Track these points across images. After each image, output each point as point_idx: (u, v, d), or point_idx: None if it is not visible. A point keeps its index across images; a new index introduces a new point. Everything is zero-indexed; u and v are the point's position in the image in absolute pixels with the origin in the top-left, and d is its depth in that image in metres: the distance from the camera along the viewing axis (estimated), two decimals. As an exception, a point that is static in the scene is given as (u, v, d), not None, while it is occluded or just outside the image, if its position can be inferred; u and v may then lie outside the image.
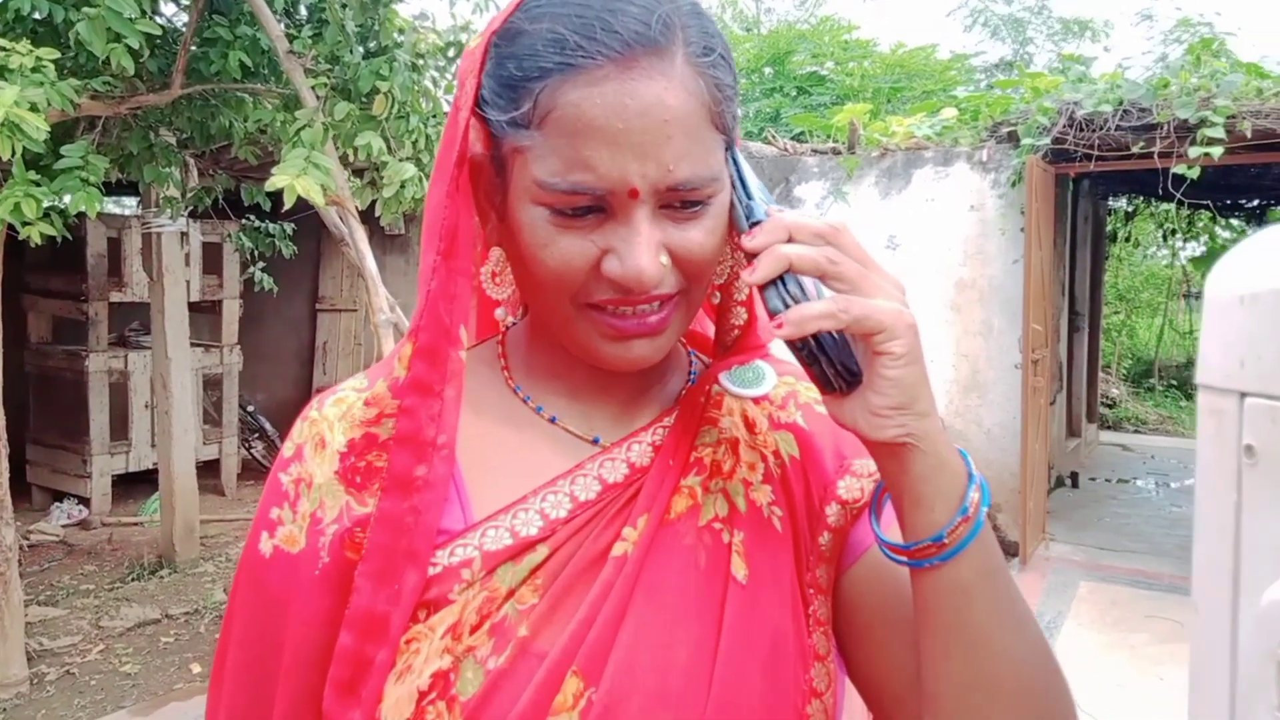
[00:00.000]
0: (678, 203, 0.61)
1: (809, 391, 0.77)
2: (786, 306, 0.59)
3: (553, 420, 0.72)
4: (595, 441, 0.71)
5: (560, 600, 0.64)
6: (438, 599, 0.64)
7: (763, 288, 0.60)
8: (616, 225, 0.60)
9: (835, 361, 0.60)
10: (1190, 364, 12.03)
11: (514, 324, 0.78)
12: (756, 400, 0.75)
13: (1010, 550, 5.40)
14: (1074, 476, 7.10)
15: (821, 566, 0.72)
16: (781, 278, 0.59)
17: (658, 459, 0.69)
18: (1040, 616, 4.54)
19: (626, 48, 0.57)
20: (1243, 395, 0.35)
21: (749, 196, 0.64)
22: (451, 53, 3.52)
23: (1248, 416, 0.35)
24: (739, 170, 0.65)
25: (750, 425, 0.74)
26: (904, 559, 0.62)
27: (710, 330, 0.80)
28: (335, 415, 0.70)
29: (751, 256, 0.60)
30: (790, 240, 0.59)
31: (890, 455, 0.61)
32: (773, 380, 0.75)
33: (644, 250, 0.60)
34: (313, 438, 0.70)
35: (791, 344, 0.61)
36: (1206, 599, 0.38)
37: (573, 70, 0.57)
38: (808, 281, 0.59)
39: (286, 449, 0.72)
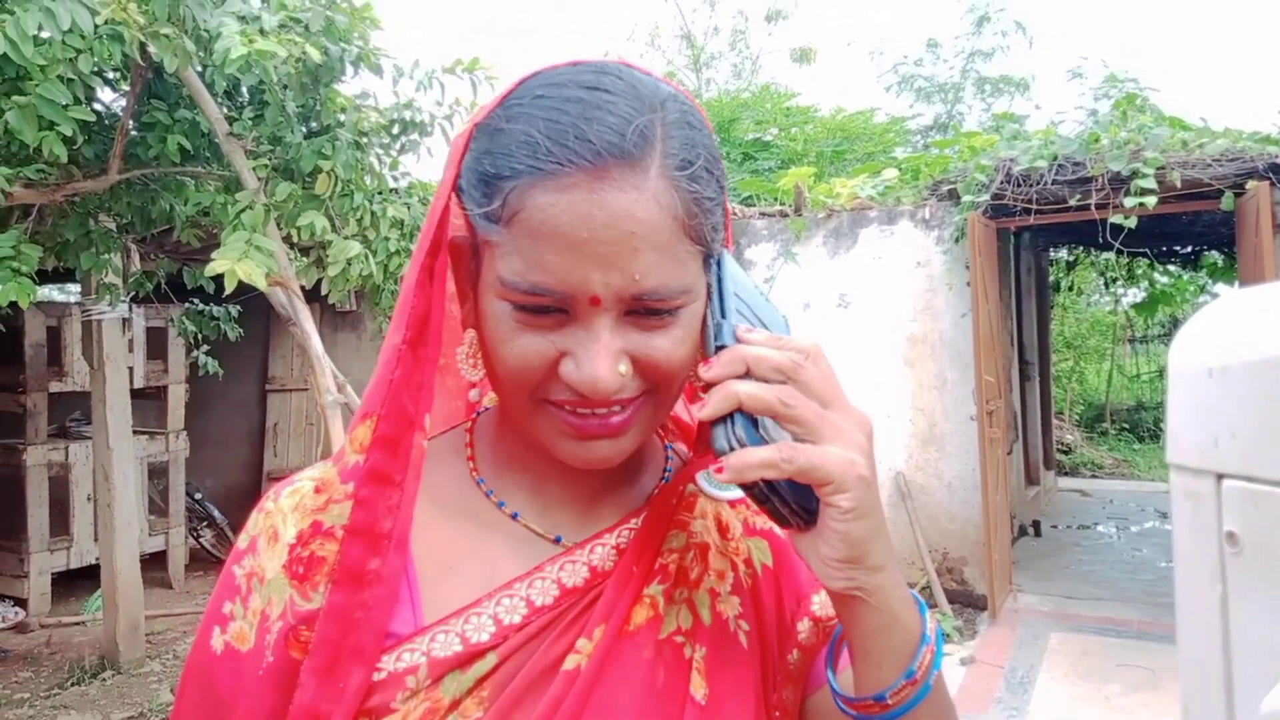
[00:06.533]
0: (643, 310, 0.58)
1: None
2: (733, 448, 0.55)
3: (515, 516, 0.68)
4: (557, 541, 0.67)
5: (505, 715, 0.60)
6: (379, 708, 0.60)
7: (712, 423, 0.56)
8: (577, 329, 0.58)
9: (790, 501, 0.57)
10: (1140, 407, 12.29)
11: (486, 411, 0.74)
12: (733, 503, 0.71)
13: (979, 604, 5.36)
14: (1036, 525, 7.12)
15: (789, 687, 0.68)
16: (731, 415, 0.56)
17: (621, 564, 0.65)
18: (1013, 671, 4.49)
19: (598, 157, 0.55)
20: (1219, 477, 0.32)
21: (723, 314, 0.59)
22: (396, 129, 3.51)
23: (1227, 500, 0.32)
24: (720, 283, 0.61)
25: (724, 530, 0.70)
26: (850, 710, 0.60)
27: (694, 419, 0.75)
28: (289, 506, 0.67)
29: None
30: (748, 373, 0.56)
31: (841, 604, 0.59)
32: None
33: (602, 359, 0.57)
34: (266, 530, 0.67)
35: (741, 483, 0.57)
36: (1198, 708, 0.34)
37: (542, 175, 0.55)
38: (767, 419, 0.55)
39: (241, 541, 0.69)
